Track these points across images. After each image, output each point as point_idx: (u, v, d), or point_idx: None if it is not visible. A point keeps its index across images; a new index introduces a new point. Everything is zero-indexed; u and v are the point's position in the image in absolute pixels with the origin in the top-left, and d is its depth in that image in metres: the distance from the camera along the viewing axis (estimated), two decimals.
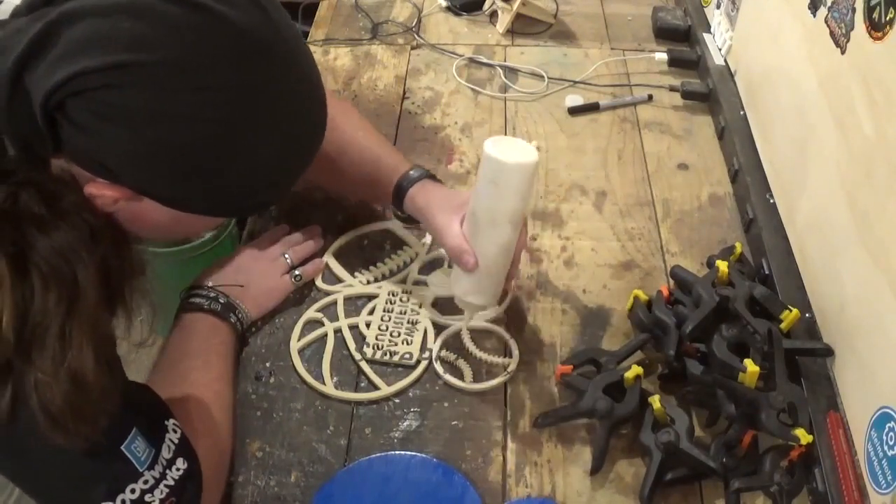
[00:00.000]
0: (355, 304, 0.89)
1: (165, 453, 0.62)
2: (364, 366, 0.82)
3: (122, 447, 0.59)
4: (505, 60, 1.27)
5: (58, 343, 0.53)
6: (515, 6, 1.31)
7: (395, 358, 0.82)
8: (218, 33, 0.52)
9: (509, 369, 0.82)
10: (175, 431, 0.64)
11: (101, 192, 0.55)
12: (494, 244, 0.75)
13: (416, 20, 1.36)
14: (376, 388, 0.80)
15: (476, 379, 0.81)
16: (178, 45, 0.51)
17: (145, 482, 0.60)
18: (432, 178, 0.86)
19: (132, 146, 0.53)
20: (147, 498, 0.60)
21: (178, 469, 0.62)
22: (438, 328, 0.86)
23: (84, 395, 0.55)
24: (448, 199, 0.81)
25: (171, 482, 0.61)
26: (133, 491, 0.59)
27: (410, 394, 0.81)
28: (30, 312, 0.52)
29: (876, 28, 0.70)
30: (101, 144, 0.53)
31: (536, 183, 0.73)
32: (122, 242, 0.60)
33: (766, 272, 0.89)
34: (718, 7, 1.22)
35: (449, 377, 0.81)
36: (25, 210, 0.52)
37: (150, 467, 0.60)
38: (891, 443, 0.64)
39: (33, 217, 0.53)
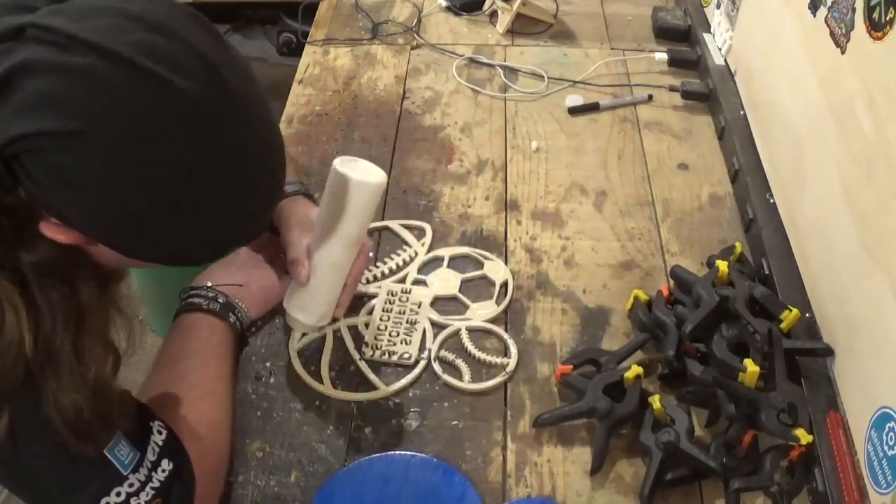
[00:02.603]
0: (354, 303, 0.88)
1: (150, 455, 0.62)
2: (363, 365, 0.82)
3: (106, 451, 0.59)
4: (505, 60, 1.27)
5: (74, 357, 0.55)
6: (515, 6, 1.31)
7: (394, 358, 0.82)
8: (171, 106, 0.51)
9: (507, 369, 0.82)
10: (160, 433, 0.64)
11: (53, 234, 0.54)
12: (326, 261, 0.75)
13: (416, 20, 1.36)
14: (375, 388, 0.80)
15: (475, 379, 0.81)
16: (131, 117, 0.51)
17: (130, 485, 0.60)
18: (307, 196, 0.87)
19: (84, 206, 0.53)
20: (132, 501, 0.60)
21: (163, 470, 0.63)
22: (437, 328, 0.86)
23: (108, 402, 0.57)
24: (308, 216, 0.81)
25: (157, 484, 0.62)
26: (119, 494, 0.59)
27: (410, 394, 0.80)
28: (42, 333, 0.53)
29: (876, 28, 0.70)
30: (54, 199, 0.52)
31: (375, 211, 0.75)
32: None
33: (766, 272, 0.89)
34: (718, 7, 1.22)
35: (447, 377, 0.81)
36: (8, 233, 0.52)
37: (135, 470, 0.60)
38: (891, 443, 0.64)
39: (17, 239, 0.53)
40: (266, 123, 0.59)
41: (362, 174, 0.72)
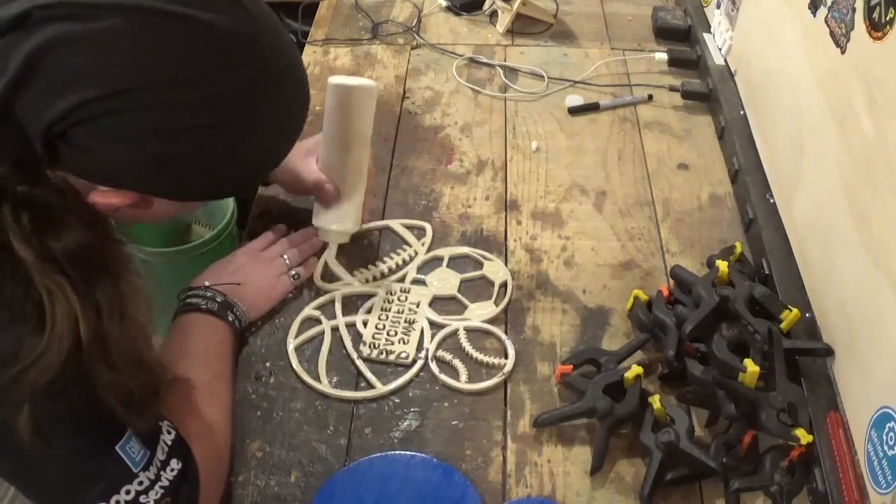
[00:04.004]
0: (353, 302, 0.88)
1: (160, 454, 0.62)
2: (360, 364, 0.82)
3: (117, 448, 0.59)
4: (505, 60, 1.27)
5: (121, 338, 0.56)
6: (515, 6, 1.30)
7: (392, 357, 0.82)
8: (205, 43, 0.53)
9: (505, 370, 0.82)
10: (169, 433, 0.64)
11: (107, 200, 0.57)
12: (350, 167, 0.85)
13: (416, 20, 1.36)
14: (372, 386, 0.80)
15: (474, 379, 0.81)
16: (169, 63, 0.52)
17: (140, 483, 0.60)
18: None
19: (137, 161, 0.55)
20: (142, 499, 0.60)
21: (172, 470, 0.63)
22: (435, 327, 0.86)
23: (152, 374, 0.60)
24: (297, 147, 0.82)
25: (166, 483, 0.62)
26: (128, 492, 0.59)
27: (411, 394, 0.80)
28: (90, 322, 0.54)
29: (876, 28, 0.70)
30: (106, 162, 0.54)
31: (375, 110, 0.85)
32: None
33: (766, 272, 0.89)
34: (718, 7, 1.22)
35: (445, 377, 0.81)
36: (43, 227, 0.53)
37: (145, 468, 0.61)
38: (891, 443, 0.64)
39: (49, 231, 0.53)
40: (290, 46, 0.62)
41: (357, 81, 0.81)
